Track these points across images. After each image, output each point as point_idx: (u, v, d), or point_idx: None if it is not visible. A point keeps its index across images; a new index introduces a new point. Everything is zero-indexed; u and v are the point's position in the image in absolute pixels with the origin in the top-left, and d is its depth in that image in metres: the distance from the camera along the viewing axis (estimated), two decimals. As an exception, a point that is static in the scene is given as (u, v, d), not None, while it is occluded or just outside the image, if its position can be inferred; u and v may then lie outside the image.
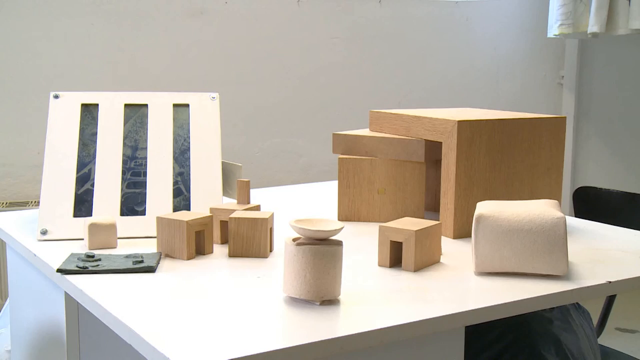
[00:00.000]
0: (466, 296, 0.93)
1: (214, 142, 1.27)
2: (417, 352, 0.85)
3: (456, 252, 1.10)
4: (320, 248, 0.86)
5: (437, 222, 1.06)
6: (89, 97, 1.29)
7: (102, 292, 0.91)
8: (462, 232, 1.18)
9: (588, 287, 0.94)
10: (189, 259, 1.04)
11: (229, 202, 1.22)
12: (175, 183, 1.23)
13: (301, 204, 1.45)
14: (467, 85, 3.18)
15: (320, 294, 0.86)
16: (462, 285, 0.96)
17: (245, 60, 2.74)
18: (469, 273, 1.00)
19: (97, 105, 1.28)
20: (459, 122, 1.17)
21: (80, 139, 1.25)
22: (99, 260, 1.01)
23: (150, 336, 0.76)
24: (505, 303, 0.89)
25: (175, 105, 1.30)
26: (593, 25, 2.72)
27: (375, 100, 2.97)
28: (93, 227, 1.09)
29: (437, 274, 1.00)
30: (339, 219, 1.30)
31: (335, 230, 0.85)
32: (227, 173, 1.26)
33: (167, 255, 1.05)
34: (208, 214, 1.09)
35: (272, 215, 1.10)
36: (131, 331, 0.79)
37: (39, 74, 2.42)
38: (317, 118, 2.91)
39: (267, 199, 1.43)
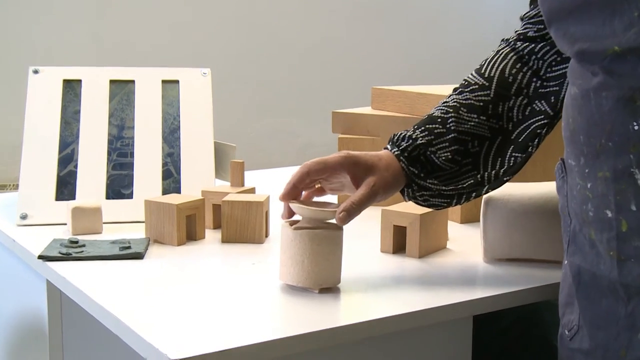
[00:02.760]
0: (474, 284, 0.93)
1: (205, 121, 1.27)
2: (422, 343, 0.85)
3: (464, 237, 1.10)
4: (319, 233, 0.86)
5: (444, 205, 1.06)
6: (72, 72, 1.28)
7: (86, 280, 0.91)
8: (470, 216, 1.18)
9: (604, 274, 0.94)
10: (179, 244, 1.04)
11: (222, 185, 1.22)
12: (164, 164, 1.23)
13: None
14: (476, 60, 3.17)
15: (319, 281, 0.86)
16: (470, 272, 0.96)
17: (240, 34, 2.73)
18: (478, 259, 1.00)
19: (80, 81, 1.28)
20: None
21: (62, 117, 1.24)
22: (83, 246, 1.01)
23: (139, 327, 0.76)
24: (516, 291, 0.89)
25: (164, 82, 1.30)
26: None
27: (377, 76, 2.96)
28: (77, 211, 1.09)
29: (444, 260, 1.00)
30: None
31: (336, 211, 0.85)
32: (220, 154, 1.26)
33: (156, 241, 1.05)
34: (199, 197, 1.09)
35: (267, 199, 1.09)
36: (118, 321, 0.79)
37: (16, 48, 2.41)
38: (315, 96, 2.91)
39: (263, 182, 1.43)
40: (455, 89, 0.94)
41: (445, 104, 0.93)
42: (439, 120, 0.91)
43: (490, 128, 0.90)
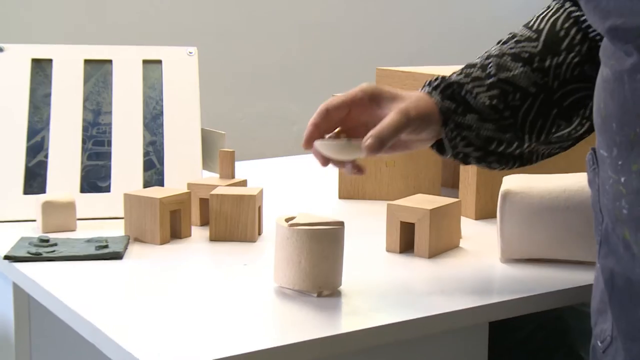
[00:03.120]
0: (490, 287, 0.94)
1: (192, 106, 1.27)
2: (432, 353, 0.86)
3: (478, 235, 1.11)
4: (318, 230, 0.86)
5: (456, 199, 1.06)
6: (41, 51, 1.28)
7: (58, 283, 0.91)
8: (486, 212, 1.19)
9: (635, 276, 0.95)
10: (162, 243, 1.05)
11: (210, 177, 1.22)
12: (146, 154, 1.23)
13: (295, 179, 1.46)
14: (492, 37, 3.16)
15: (318, 284, 0.87)
16: (485, 274, 0.97)
17: (230, 9, 2.73)
18: (494, 260, 1.01)
19: (51, 60, 1.28)
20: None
21: (30, 101, 1.24)
22: (55, 245, 1.02)
23: (117, 334, 0.77)
24: (537, 295, 0.90)
25: (145, 62, 1.30)
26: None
27: (382, 56, 2.96)
28: (47, 206, 1.09)
29: (456, 260, 1.01)
30: (339, 197, 1.31)
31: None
32: (208, 142, 1.27)
33: (137, 239, 1.06)
34: (185, 190, 1.10)
35: (260, 192, 1.10)
36: (94, 329, 0.79)
37: (-20, 24, 2.41)
38: (313, 77, 2.90)
39: (255, 173, 1.44)
40: (498, 41, 0.93)
41: (485, 52, 0.92)
42: (477, 65, 0.89)
43: (534, 83, 0.88)
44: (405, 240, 1.03)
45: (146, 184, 1.20)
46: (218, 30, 2.73)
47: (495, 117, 0.86)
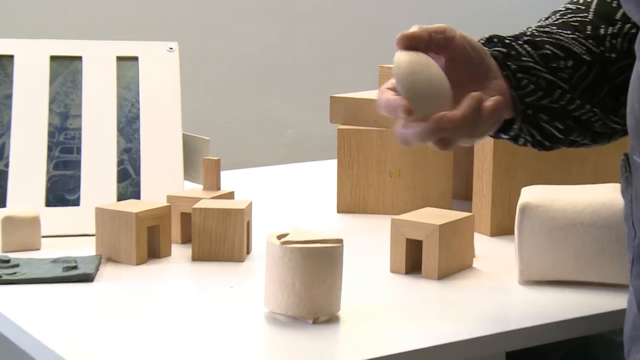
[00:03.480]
0: (507, 312, 0.94)
1: (172, 108, 1.27)
2: (442, 387, 0.86)
3: (494, 254, 1.11)
4: (314, 248, 0.86)
5: (469, 214, 1.06)
6: (1, 46, 1.28)
7: (20, 309, 0.91)
8: (503, 228, 1.18)
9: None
10: (139, 263, 1.05)
11: (193, 189, 1.22)
12: (120, 163, 1.23)
13: (288, 191, 1.46)
14: (511, 26, 3.17)
15: (314, 309, 0.87)
16: (502, 298, 0.97)
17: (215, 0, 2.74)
18: (512, 282, 1.01)
19: (12, 57, 1.28)
20: (500, 80, 1.18)
21: (-10, 103, 1.24)
22: (17, 266, 1.01)
23: (86, 366, 0.77)
24: (560, 322, 0.90)
25: (119, 59, 1.30)
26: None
27: (386, 51, 2.97)
28: (8, 222, 1.09)
29: (469, 282, 1.01)
30: (338, 210, 1.30)
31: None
32: (191, 149, 1.27)
33: (110, 259, 1.06)
34: (164, 203, 1.10)
35: (249, 206, 1.10)
36: (60, 359, 0.79)
37: None
38: (309, 76, 2.91)
39: (244, 184, 1.44)
40: (540, 19, 0.92)
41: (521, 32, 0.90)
42: (525, 32, 0.88)
43: (588, 50, 0.86)
44: (412, 259, 1.03)
45: (120, 197, 1.20)
46: (202, 22, 2.73)
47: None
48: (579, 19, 0.89)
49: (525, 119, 0.85)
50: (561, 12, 0.91)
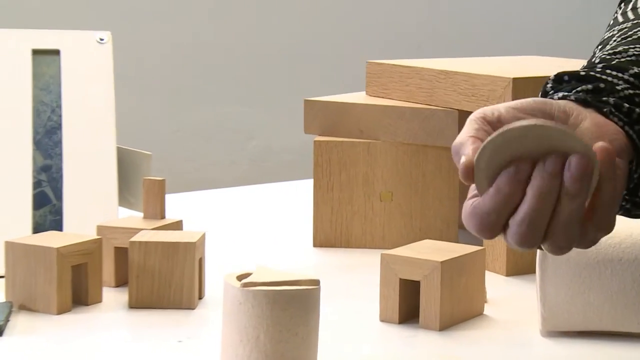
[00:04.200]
0: (528, 372, 0.94)
1: (103, 115, 1.27)
2: None
3: (511, 299, 1.11)
4: (284, 292, 0.86)
5: (480, 247, 1.06)
6: None
7: None
8: (521, 265, 1.19)
9: None
10: (60, 312, 1.04)
11: (130, 217, 1.22)
12: (37, 184, 1.23)
13: (252, 219, 1.46)
14: (525, 21, 3.20)
15: (284, 369, 0.86)
16: (520, 354, 0.97)
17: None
18: (533, 333, 1.01)
19: None
20: (516, 80, 1.18)
21: None
22: None
23: None
24: (594, 383, 0.90)
25: (36, 52, 1.29)
26: None
27: (374, 45, 2.98)
28: None
29: (479, 334, 1.01)
30: (315, 244, 1.31)
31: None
32: (127, 167, 1.26)
33: (24, 307, 1.05)
34: (94, 236, 1.09)
35: (202, 238, 1.10)
36: None
37: None
38: (277, 75, 2.91)
39: (195, 211, 1.44)
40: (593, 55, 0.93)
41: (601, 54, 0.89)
42: (593, 62, 0.87)
43: None
44: (407, 305, 1.02)
45: (37, 228, 1.20)
46: (141, 8, 2.74)
47: None
48: None
49: None
50: (619, 33, 0.92)
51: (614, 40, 0.91)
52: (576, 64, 1.35)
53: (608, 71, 0.83)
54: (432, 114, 1.27)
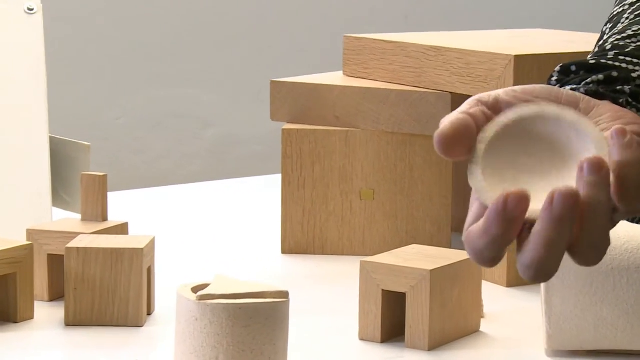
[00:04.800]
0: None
1: (34, 99, 1.27)
2: None
3: (511, 313, 1.12)
4: (247, 305, 0.87)
5: (475, 253, 1.07)
6: None
7: None
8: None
9: None
10: (-15, 330, 1.05)
11: (66, 219, 1.22)
12: (-46, 181, 1.23)
13: (209, 221, 1.46)
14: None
15: (247, 395, 0.88)
16: (523, 376, 0.99)
17: None
18: (537, 352, 1.02)
19: None
20: (518, 58, 1.19)
21: None
22: None
23: None
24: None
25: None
26: None
27: (352, 17, 2.98)
28: None
29: (475, 354, 1.01)
30: (283, 250, 1.32)
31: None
32: (62, 161, 1.27)
33: (-59, 325, 1.06)
34: (24, 242, 1.09)
35: (151, 244, 1.11)
36: None
37: None
38: (239, 52, 2.91)
39: (143, 212, 1.44)
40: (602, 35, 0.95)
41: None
42: (604, 47, 0.89)
43: None
44: (391, 321, 1.03)
45: (-43, 232, 1.20)
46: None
47: None
48: None
49: None
50: (631, 9, 0.93)
51: (626, 18, 0.93)
52: (587, 38, 1.36)
53: (621, 57, 0.86)
54: (421, 98, 1.28)
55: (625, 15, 0.93)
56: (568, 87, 0.83)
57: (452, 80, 1.26)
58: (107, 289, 1.07)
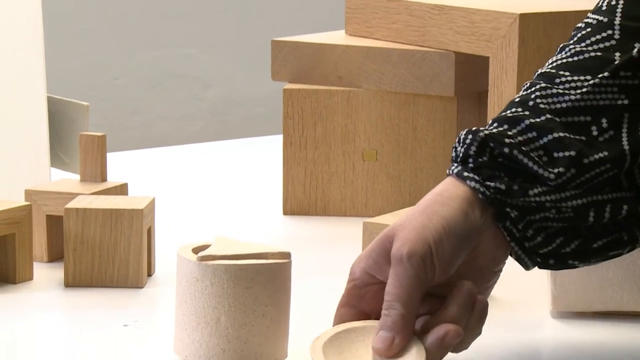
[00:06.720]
0: (537, 358, 0.96)
1: (31, 58, 1.27)
2: None
3: (516, 275, 1.11)
4: (248, 266, 0.87)
5: (480, 214, 1.08)
6: None
7: None
8: (530, 235, 1.20)
9: None
10: (-17, 292, 1.05)
11: (65, 180, 1.23)
12: (-51, 141, 1.23)
13: (210, 182, 1.47)
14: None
15: (248, 356, 0.88)
16: (528, 338, 0.99)
17: None
18: (542, 314, 1.03)
19: None
20: (524, 16, 1.19)
21: None
22: None
23: None
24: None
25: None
26: None
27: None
28: None
29: None
30: (285, 211, 1.32)
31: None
32: (60, 121, 1.27)
33: (-62, 287, 1.06)
34: (22, 202, 1.10)
35: (151, 204, 1.11)
36: None
37: None
38: (240, 11, 2.90)
39: (143, 173, 1.44)
40: (560, 47, 0.96)
41: (535, 75, 0.95)
42: (517, 100, 0.93)
43: (622, 88, 0.91)
44: (394, 282, 1.04)
45: (-49, 192, 1.20)
46: None
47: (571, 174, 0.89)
48: (600, 45, 0.93)
49: (547, 265, 0.92)
50: (580, 36, 0.95)
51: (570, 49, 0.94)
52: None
53: (533, 154, 0.89)
54: (424, 57, 1.28)
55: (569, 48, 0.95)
56: (472, 184, 0.88)
57: (456, 39, 1.26)
58: (106, 250, 1.08)
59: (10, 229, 1.07)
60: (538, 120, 0.89)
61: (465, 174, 0.88)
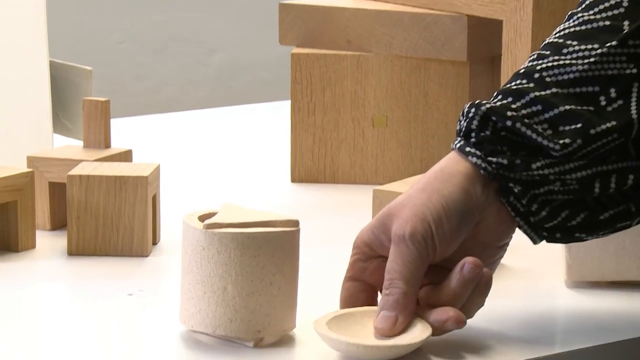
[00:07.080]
0: (551, 327, 0.95)
1: (33, 23, 1.27)
2: None
3: (531, 244, 1.11)
4: (256, 234, 0.87)
5: (493, 181, 1.07)
6: None
7: None
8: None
9: None
10: (-15, 260, 1.05)
11: (67, 146, 1.22)
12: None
13: (216, 149, 1.46)
14: None
15: (256, 325, 0.88)
16: (542, 307, 0.98)
17: None
18: (557, 284, 1.03)
19: None
20: (537, -23, 1.19)
21: None
22: None
23: None
24: (628, 341, 0.91)
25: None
26: None
27: None
28: None
29: (494, 286, 0.99)
30: (293, 179, 1.32)
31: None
32: (63, 86, 1.26)
33: (-60, 254, 1.06)
34: (24, 169, 1.10)
35: (156, 172, 1.11)
36: None
37: None
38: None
39: (147, 139, 1.44)
40: (568, 14, 0.97)
41: (542, 45, 0.95)
42: (522, 72, 0.93)
43: (631, 57, 0.91)
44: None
45: (-47, 159, 1.20)
46: None
47: (578, 144, 0.89)
48: (609, 13, 0.93)
49: (554, 239, 0.94)
50: (588, 2, 0.94)
51: (575, 21, 0.94)
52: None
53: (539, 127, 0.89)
54: (436, 20, 1.28)
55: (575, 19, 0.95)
56: (474, 159, 0.89)
57: (469, 2, 1.25)
58: (110, 218, 1.07)
59: (12, 196, 1.07)
60: (543, 93, 0.90)
61: (468, 149, 0.89)
